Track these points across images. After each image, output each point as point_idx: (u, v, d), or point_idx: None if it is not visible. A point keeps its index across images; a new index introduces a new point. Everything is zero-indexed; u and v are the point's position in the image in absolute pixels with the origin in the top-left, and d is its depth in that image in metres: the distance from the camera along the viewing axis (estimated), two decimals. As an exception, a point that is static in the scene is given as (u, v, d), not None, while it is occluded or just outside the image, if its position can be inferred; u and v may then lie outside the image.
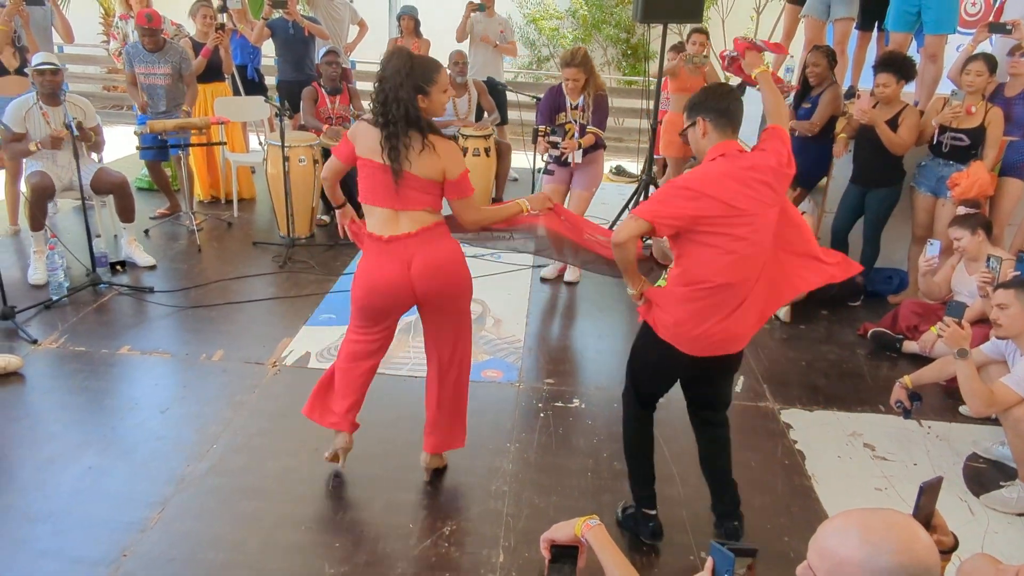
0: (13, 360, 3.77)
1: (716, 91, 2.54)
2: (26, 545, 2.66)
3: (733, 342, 2.56)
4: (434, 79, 2.63)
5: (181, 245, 5.64)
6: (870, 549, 1.19)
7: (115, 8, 10.73)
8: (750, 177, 2.41)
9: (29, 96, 4.80)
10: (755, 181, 2.41)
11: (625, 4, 11.56)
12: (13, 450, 3.19)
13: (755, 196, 2.40)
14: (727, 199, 2.36)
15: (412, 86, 2.58)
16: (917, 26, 5.18)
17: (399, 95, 2.56)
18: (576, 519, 1.89)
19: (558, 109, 4.82)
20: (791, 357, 4.37)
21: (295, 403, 3.61)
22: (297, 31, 6.74)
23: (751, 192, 2.39)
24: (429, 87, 2.62)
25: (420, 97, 2.61)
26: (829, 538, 1.25)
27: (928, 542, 1.22)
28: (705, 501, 3.05)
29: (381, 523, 2.86)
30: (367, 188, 2.73)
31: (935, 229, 4.79)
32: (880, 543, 1.19)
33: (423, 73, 2.61)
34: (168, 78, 5.67)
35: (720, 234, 2.38)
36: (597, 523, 1.86)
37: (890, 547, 1.19)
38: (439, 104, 2.68)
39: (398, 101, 2.56)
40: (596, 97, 4.77)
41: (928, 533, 1.27)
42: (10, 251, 5.30)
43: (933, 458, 3.45)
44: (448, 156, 2.70)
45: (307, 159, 5.64)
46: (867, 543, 1.20)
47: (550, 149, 4.78)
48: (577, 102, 4.75)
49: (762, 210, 2.41)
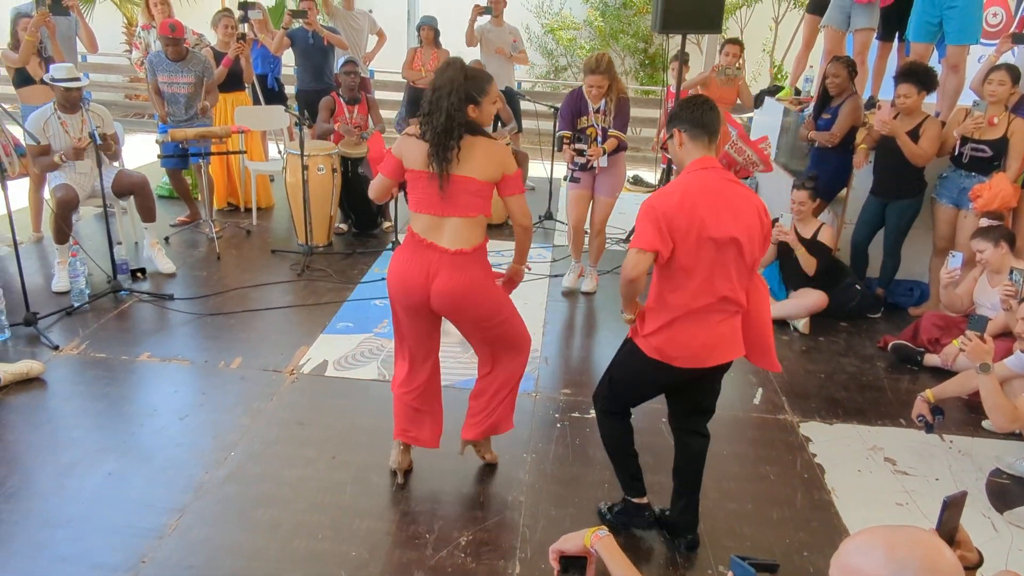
0: (35, 366, 3.80)
1: (692, 102, 2.56)
2: (46, 550, 2.68)
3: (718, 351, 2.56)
4: (486, 90, 2.71)
5: (201, 252, 5.68)
6: (895, 567, 1.17)
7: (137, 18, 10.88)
8: (726, 200, 2.42)
9: (47, 107, 4.86)
10: (729, 208, 2.42)
11: (642, 14, 11.57)
12: (34, 455, 3.22)
13: (734, 211, 2.41)
14: (700, 216, 2.37)
15: (464, 95, 2.65)
16: (939, 36, 5.15)
17: (451, 103, 2.63)
18: (585, 530, 1.89)
19: (579, 114, 4.82)
20: (810, 369, 4.33)
21: (312, 411, 3.65)
22: (317, 41, 6.80)
23: (730, 206, 2.41)
24: (481, 97, 2.69)
25: (471, 107, 2.68)
26: (852, 555, 1.23)
27: (953, 559, 1.20)
28: (724, 513, 3.04)
29: (398, 532, 2.86)
30: (416, 198, 2.79)
31: (957, 241, 4.75)
32: (905, 560, 1.17)
33: (476, 84, 2.69)
34: (190, 87, 5.74)
35: (691, 250, 2.40)
36: (606, 533, 1.86)
37: (915, 564, 1.17)
38: (488, 114, 2.76)
39: (450, 109, 2.63)
40: (618, 101, 4.78)
41: (952, 549, 1.25)
42: (33, 258, 5.37)
43: (955, 473, 3.41)
44: (503, 154, 2.76)
45: (326, 168, 5.67)
46: (892, 560, 1.18)
47: (576, 157, 4.79)
48: (599, 106, 4.75)
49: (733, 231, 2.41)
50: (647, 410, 3.70)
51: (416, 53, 7.10)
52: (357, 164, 5.91)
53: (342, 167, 5.86)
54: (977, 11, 5.03)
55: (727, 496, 3.17)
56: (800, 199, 4.82)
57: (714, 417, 3.01)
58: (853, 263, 5.18)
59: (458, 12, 7.35)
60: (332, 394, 3.83)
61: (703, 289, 2.45)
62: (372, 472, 3.19)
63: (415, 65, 7.07)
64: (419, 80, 7.07)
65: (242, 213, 6.62)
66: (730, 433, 3.63)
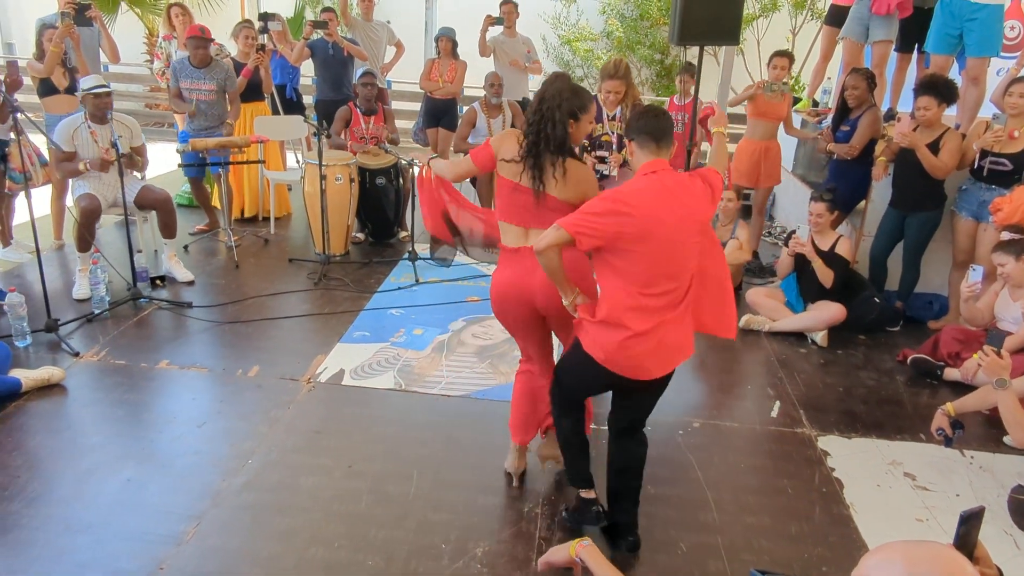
0: (56, 372, 3.84)
1: (644, 113, 2.59)
2: (66, 555, 2.70)
3: (655, 364, 2.56)
4: (587, 107, 2.72)
5: (219, 261, 5.73)
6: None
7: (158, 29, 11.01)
8: (675, 197, 2.46)
9: (78, 116, 4.93)
10: (679, 203, 2.45)
11: (659, 25, 11.58)
12: (54, 461, 3.24)
13: (676, 216, 2.43)
14: (646, 217, 2.40)
15: (568, 110, 2.65)
16: (959, 49, 5.12)
17: (555, 117, 2.63)
18: (570, 542, 1.98)
19: (595, 121, 4.83)
20: (828, 383, 4.30)
21: (329, 420, 3.66)
22: (337, 52, 6.86)
23: (673, 212, 2.43)
24: (581, 114, 2.70)
25: (571, 122, 2.68)
26: (872, 570, 1.22)
27: (974, 575, 1.19)
28: (741, 527, 3.02)
29: (414, 542, 2.85)
30: (505, 207, 2.82)
31: (977, 254, 4.71)
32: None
33: (579, 100, 2.70)
34: (213, 94, 5.80)
35: (633, 252, 2.42)
36: (589, 543, 1.94)
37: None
38: (583, 132, 2.77)
39: (553, 122, 2.64)
40: (634, 107, 4.79)
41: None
42: (54, 265, 5.43)
43: (976, 489, 3.37)
44: (589, 181, 2.78)
45: (343, 177, 5.70)
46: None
47: (598, 164, 4.79)
48: (614, 113, 4.75)
49: (681, 233, 2.45)
50: (660, 423, 3.70)
51: (434, 64, 7.14)
52: (375, 174, 5.95)
53: (360, 177, 5.90)
54: (998, 23, 4.99)
55: (745, 510, 3.14)
56: (818, 211, 4.80)
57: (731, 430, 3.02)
58: (872, 276, 5.14)
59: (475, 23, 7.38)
60: (349, 403, 3.84)
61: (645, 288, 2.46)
62: (388, 481, 3.19)
63: (432, 76, 7.11)
64: (436, 91, 7.11)
65: (260, 222, 6.66)
66: (747, 446, 3.61)
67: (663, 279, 2.46)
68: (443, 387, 3.99)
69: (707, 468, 3.39)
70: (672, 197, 2.45)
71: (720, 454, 3.53)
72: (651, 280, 2.45)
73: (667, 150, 2.55)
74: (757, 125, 5.87)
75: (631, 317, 2.47)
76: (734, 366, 4.52)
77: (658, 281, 2.45)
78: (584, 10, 11.96)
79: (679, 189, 2.49)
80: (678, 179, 2.52)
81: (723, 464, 3.46)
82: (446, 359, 4.29)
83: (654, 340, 2.49)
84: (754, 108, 5.83)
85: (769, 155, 5.88)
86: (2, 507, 2.92)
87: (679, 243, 2.45)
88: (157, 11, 11.15)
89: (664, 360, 2.57)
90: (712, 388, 4.25)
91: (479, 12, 7.47)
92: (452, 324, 4.76)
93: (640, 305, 2.46)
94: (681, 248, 2.47)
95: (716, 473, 3.36)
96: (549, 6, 11.79)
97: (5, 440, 3.36)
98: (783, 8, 11.28)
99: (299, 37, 7.62)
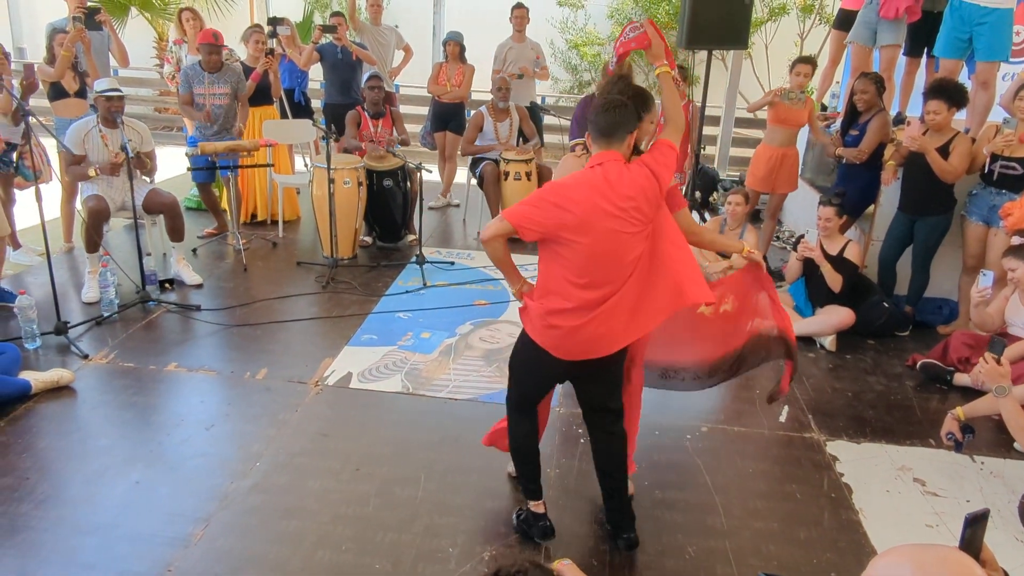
0: (65, 374, 3.86)
1: (600, 108, 2.59)
2: (74, 557, 2.71)
3: (597, 345, 2.57)
4: (650, 108, 2.72)
5: (227, 264, 5.75)
6: None
7: (168, 33, 11.07)
8: (615, 189, 2.47)
9: (89, 119, 4.96)
10: (620, 195, 2.47)
11: (667, 29, 11.58)
12: (63, 463, 3.26)
13: (615, 211, 2.45)
14: (585, 210, 2.43)
15: (633, 111, 2.62)
16: (968, 53, 5.10)
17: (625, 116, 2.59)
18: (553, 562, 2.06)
19: None
20: (837, 388, 4.28)
21: (337, 423, 3.66)
22: (346, 56, 6.88)
23: (613, 206, 2.45)
24: (645, 115, 2.69)
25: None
26: (881, 574, 1.22)
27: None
28: (749, 532, 3.01)
29: (421, 546, 2.85)
30: None
31: (987, 259, 4.68)
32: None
33: (643, 101, 2.69)
34: (226, 98, 5.82)
35: (575, 243, 2.45)
36: (569, 562, 2.00)
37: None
38: (645, 133, 2.75)
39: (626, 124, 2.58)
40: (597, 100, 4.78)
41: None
42: (64, 268, 5.45)
43: (987, 495, 3.35)
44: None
45: (352, 181, 5.72)
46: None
47: None
48: None
49: (620, 225, 2.46)
50: (668, 427, 3.70)
51: (441, 68, 7.16)
52: (383, 177, 5.96)
53: (368, 180, 5.91)
54: (1008, 28, 4.98)
55: (753, 515, 3.13)
56: (827, 215, 4.78)
57: (740, 434, 3.00)
58: (881, 280, 5.12)
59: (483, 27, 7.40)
60: (356, 406, 3.84)
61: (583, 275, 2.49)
62: (396, 484, 3.19)
63: (440, 80, 7.12)
64: (444, 95, 7.12)
65: (268, 225, 6.68)
66: (755, 451, 3.60)
67: (602, 268, 2.49)
68: (450, 390, 3.99)
69: (715, 473, 3.38)
70: (612, 189, 2.47)
71: (728, 459, 3.52)
72: (590, 268, 2.49)
73: (620, 143, 2.56)
74: (776, 131, 5.82)
75: (568, 300, 2.51)
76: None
77: (596, 269, 2.49)
78: (592, 15, 11.98)
79: (621, 181, 2.50)
80: (621, 170, 2.52)
81: (731, 469, 3.45)
82: (454, 363, 4.29)
83: (588, 323, 2.52)
84: (774, 114, 5.78)
85: (786, 162, 5.84)
86: (12, 508, 2.94)
87: (620, 233, 2.48)
88: (167, 16, 11.23)
89: (600, 343, 2.58)
90: (720, 392, 4.22)
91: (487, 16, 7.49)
92: (460, 328, 4.76)
93: (577, 291, 2.51)
94: (623, 238, 2.48)
95: (724, 478, 3.35)
96: (557, 11, 11.81)
97: (15, 442, 3.37)
98: (791, 12, 11.26)
99: (308, 41, 7.63)
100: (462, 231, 6.88)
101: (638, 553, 2.88)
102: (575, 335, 2.54)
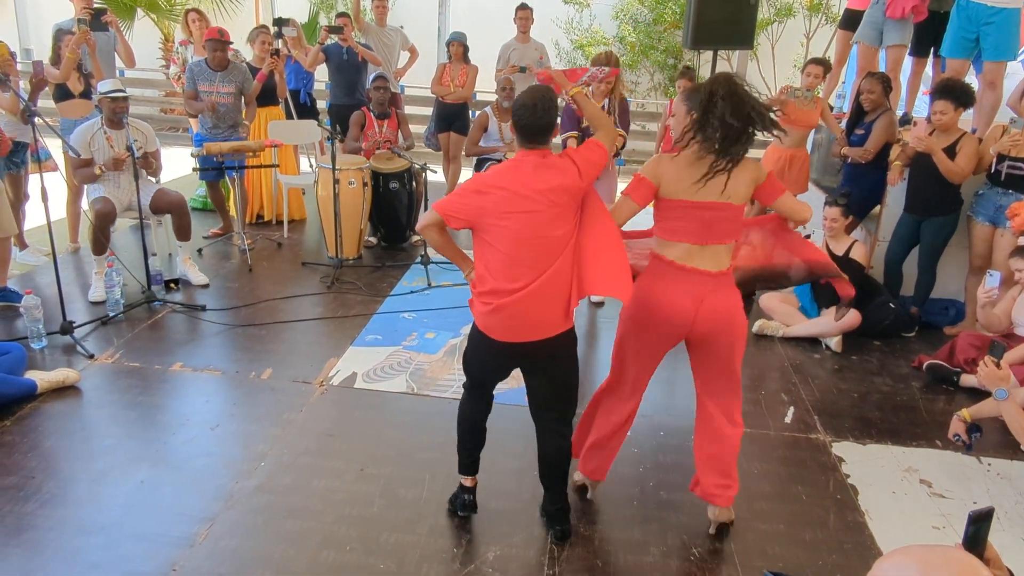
0: (71, 374, 3.87)
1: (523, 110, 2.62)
2: (79, 557, 2.72)
3: (527, 327, 2.65)
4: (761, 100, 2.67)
5: (233, 264, 5.76)
6: None
7: (174, 34, 11.10)
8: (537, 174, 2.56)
9: (94, 121, 4.97)
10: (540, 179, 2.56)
11: (671, 29, 11.57)
12: (69, 462, 3.26)
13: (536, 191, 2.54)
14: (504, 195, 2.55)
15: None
16: (975, 53, 5.08)
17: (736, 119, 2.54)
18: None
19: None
20: (843, 388, 4.27)
21: (341, 423, 3.66)
22: (351, 57, 6.89)
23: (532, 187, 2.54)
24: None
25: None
26: (886, 574, 1.22)
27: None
28: (755, 534, 3.01)
29: (425, 546, 2.85)
30: (672, 228, 2.72)
31: (994, 259, 4.66)
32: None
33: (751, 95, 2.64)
34: (231, 96, 5.82)
35: (497, 227, 2.57)
36: None
37: None
38: None
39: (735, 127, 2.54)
40: (621, 102, 4.80)
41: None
42: (70, 268, 5.47)
43: (994, 497, 3.33)
44: (749, 164, 2.70)
45: (357, 182, 5.72)
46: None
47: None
48: (602, 104, 4.71)
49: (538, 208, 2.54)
50: (673, 428, 3.69)
51: (445, 69, 7.16)
52: (388, 179, 5.96)
53: (373, 181, 5.91)
54: (1015, 27, 4.95)
55: (758, 516, 3.12)
56: (833, 216, 4.76)
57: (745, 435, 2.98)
58: (887, 281, 5.10)
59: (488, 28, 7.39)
60: (361, 406, 3.85)
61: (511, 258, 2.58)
62: (400, 485, 3.19)
63: (444, 81, 7.12)
64: (448, 95, 7.12)
65: (274, 226, 6.69)
66: (761, 452, 3.59)
67: (525, 250, 2.56)
68: (455, 391, 3.98)
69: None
70: (533, 175, 2.57)
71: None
72: (513, 251, 2.57)
73: (539, 141, 2.64)
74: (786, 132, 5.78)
75: (497, 281, 2.61)
76: (747, 371, 4.48)
77: (520, 251, 2.57)
78: (597, 15, 11.96)
79: (543, 168, 2.59)
80: (545, 160, 2.61)
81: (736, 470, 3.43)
82: (458, 363, 4.29)
83: (516, 302, 2.59)
84: (784, 116, 5.75)
85: (795, 163, 5.82)
86: (17, 507, 2.94)
87: (540, 214, 2.55)
88: (173, 17, 11.25)
89: (530, 325, 2.65)
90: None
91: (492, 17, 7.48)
92: (464, 328, 4.76)
93: (504, 272, 2.60)
94: (544, 219, 2.55)
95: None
96: (562, 11, 11.80)
97: (20, 441, 3.38)
98: (797, 14, 11.23)
99: (313, 42, 7.64)
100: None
101: (643, 554, 2.87)
102: (504, 313, 2.62)
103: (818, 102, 5.72)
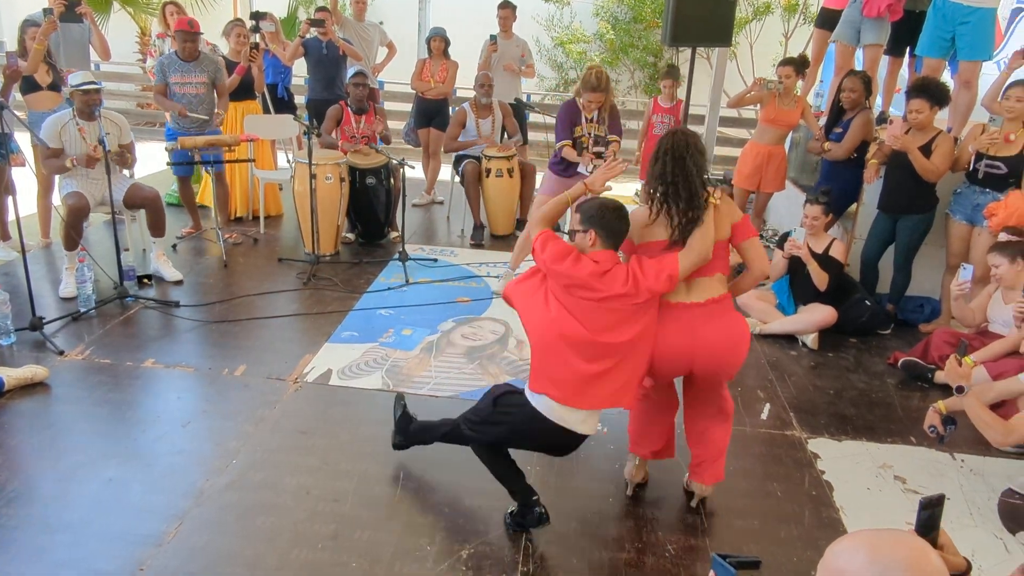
0: (39, 371, 3.79)
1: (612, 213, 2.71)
2: (45, 555, 2.66)
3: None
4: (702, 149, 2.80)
5: (208, 260, 5.69)
6: (879, 569, 1.16)
7: (151, 28, 10.96)
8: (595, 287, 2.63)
9: (65, 112, 4.87)
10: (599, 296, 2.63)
11: (651, 28, 11.59)
12: (36, 460, 3.20)
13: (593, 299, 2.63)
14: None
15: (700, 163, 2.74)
16: (951, 52, 5.12)
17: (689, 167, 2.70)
18: None
19: (575, 123, 4.85)
20: (819, 385, 4.28)
21: (315, 420, 3.62)
22: (331, 51, 6.83)
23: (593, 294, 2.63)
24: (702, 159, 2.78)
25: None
26: (837, 558, 1.23)
27: (938, 561, 1.20)
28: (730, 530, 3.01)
29: (399, 544, 2.82)
30: None
31: (971, 257, 4.70)
32: (889, 563, 1.17)
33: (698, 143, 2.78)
34: (203, 87, 5.72)
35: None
36: None
37: (899, 565, 1.16)
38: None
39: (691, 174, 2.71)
40: (611, 109, 4.83)
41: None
42: (40, 263, 5.38)
43: (967, 492, 3.35)
44: (727, 203, 2.85)
45: (334, 177, 5.67)
46: (876, 563, 1.17)
47: (595, 160, 4.78)
48: (592, 115, 4.80)
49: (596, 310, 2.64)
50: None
51: (425, 64, 7.11)
52: (365, 174, 5.91)
53: (350, 177, 5.86)
54: (990, 27, 5.00)
55: (734, 513, 3.12)
56: (814, 214, 4.78)
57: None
58: (863, 279, 5.13)
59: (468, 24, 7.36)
60: (336, 403, 3.81)
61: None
62: (374, 482, 3.16)
63: (424, 76, 7.08)
64: (428, 91, 7.08)
65: (250, 221, 6.62)
66: (737, 449, 3.58)
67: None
68: (431, 388, 3.95)
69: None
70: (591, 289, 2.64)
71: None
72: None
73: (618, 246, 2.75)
74: (766, 131, 5.87)
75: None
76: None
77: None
78: (577, 12, 11.96)
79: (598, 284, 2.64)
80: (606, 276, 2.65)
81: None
82: (435, 360, 4.26)
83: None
84: (765, 114, 5.84)
85: (772, 161, 5.87)
86: (-19, 506, 2.88)
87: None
88: (150, 10, 11.10)
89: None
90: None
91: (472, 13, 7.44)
92: (441, 325, 4.73)
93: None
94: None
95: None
96: (543, 8, 11.78)
97: (-14, 439, 3.31)
98: (776, 12, 11.30)
99: (292, 37, 7.56)
100: (446, 228, 6.84)
101: (619, 551, 2.86)
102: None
103: (799, 101, 5.76)
